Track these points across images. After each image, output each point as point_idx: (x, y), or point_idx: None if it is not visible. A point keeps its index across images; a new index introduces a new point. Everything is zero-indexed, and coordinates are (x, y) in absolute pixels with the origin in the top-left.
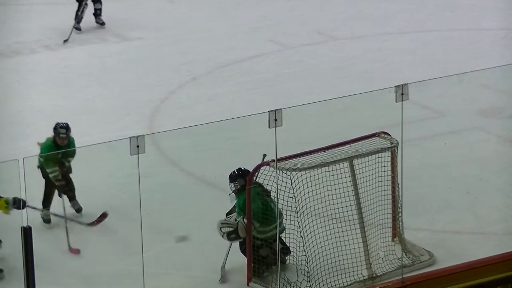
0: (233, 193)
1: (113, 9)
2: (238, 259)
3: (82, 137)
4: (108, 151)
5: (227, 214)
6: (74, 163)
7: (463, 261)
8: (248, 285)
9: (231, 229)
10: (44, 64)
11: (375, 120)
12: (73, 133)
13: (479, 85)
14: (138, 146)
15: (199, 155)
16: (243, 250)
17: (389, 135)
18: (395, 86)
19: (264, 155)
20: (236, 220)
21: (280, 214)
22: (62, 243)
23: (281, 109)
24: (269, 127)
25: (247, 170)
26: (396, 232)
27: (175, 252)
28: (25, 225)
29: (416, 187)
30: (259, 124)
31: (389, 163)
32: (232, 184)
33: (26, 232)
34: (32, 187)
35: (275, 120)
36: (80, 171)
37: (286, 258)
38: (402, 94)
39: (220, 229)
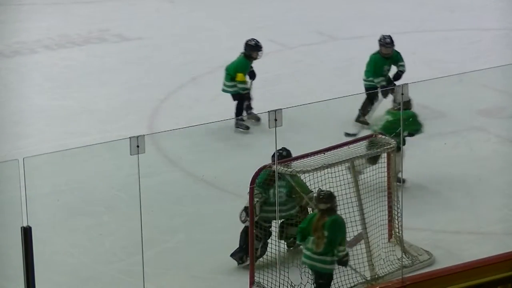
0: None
1: (113, 9)
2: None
3: (82, 137)
4: (108, 151)
5: None
6: (74, 163)
7: (462, 261)
8: None
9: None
10: (44, 64)
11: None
12: (73, 133)
13: (479, 85)
14: (138, 146)
15: (199, 155)
16: (242, 238)
17: (386, 135)
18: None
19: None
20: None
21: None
22: (62, 243)
23: (281, 109)
24: (269, 127)
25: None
26: (392, 232)
27: (175, 252)
28: (25, 225)
29: (416, 187)
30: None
31: (382, 164)
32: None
33: (26, 232)
34: (32, 187)
35: (275, 120)
36: (79, 171)
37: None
38: (402, 94)
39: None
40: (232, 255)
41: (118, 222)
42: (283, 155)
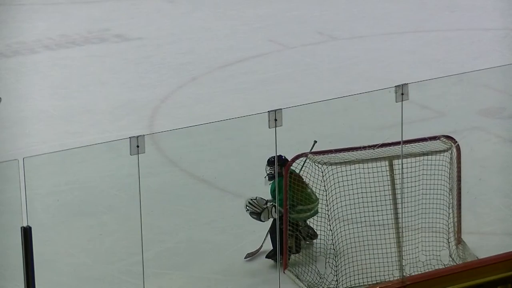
0: (266, 177)
1: (113, 9)
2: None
3: (82, 137)
4: (108, 151)
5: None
6: (74, 163)
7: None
8: (284, 272)
9: (255, 210)
10: (44, 64)
11: (375, 120)
12: (73, 133)
13: (479, 85)
14: (138, 146)
15: (199, 155)
16: (273, 238)
17: (452, 138)
18: (395, 86)
19: (315, 142)
20: (267, 204)
21: (316, 199)
22: (62, 243)
23: (281, 109)
24: (269, 127)
25: (287, 159)
26: (459, 236)
27: (175, 252)
28: (25, 225)
29: (416, 187)
30: (259, 124)
31: (440, 167)
32: (268, 167)
33: (26, 232)
34: (32, 187)
35: (275, 120)
36: (79, 171)
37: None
38: (402, 94)
39: (246, 206)
40: (267, 257)
41: (118, 222)
42: (282, 158)
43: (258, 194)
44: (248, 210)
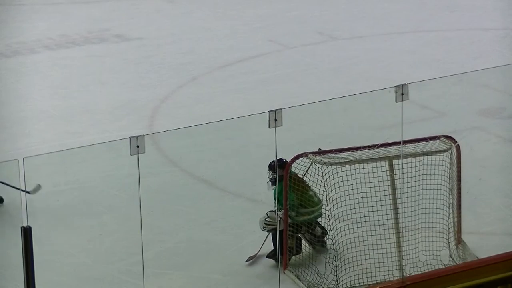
0: (269, 182)
1: (113, 9)
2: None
3: (82, 137)
4: (108, 151)
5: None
6: (74, 163)
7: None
8: (284, 272)
9: (272, 227)
10: (44, 64)
11: (375, 120)
12: (73, 133)
13: (479, 85)
14: (138, 146)
15: (199, 155)
16: (274, 238)
17: (452, 138)
18: (395, 86)
19: (319, 150)
20: (277, 213)
21: (319, 201)
22: (62, 243)
23: (281, 109)
24: (269, 127)
25: (287, 161)
26: (459, 236)
27: (175, 252)
28: (25, 225)
29: (416, 187)
30: (259, 124)
31: (440, 167)
32: (270, 172)
33: (26, 232)
34: (33, 187)
35: (275, 120)
36: (79, 171)
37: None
38: (402, 94)
39: (263, 227)
40: (268, 257)
41: (118, 222)
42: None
43: (258, 194)
44: (265, 229)
